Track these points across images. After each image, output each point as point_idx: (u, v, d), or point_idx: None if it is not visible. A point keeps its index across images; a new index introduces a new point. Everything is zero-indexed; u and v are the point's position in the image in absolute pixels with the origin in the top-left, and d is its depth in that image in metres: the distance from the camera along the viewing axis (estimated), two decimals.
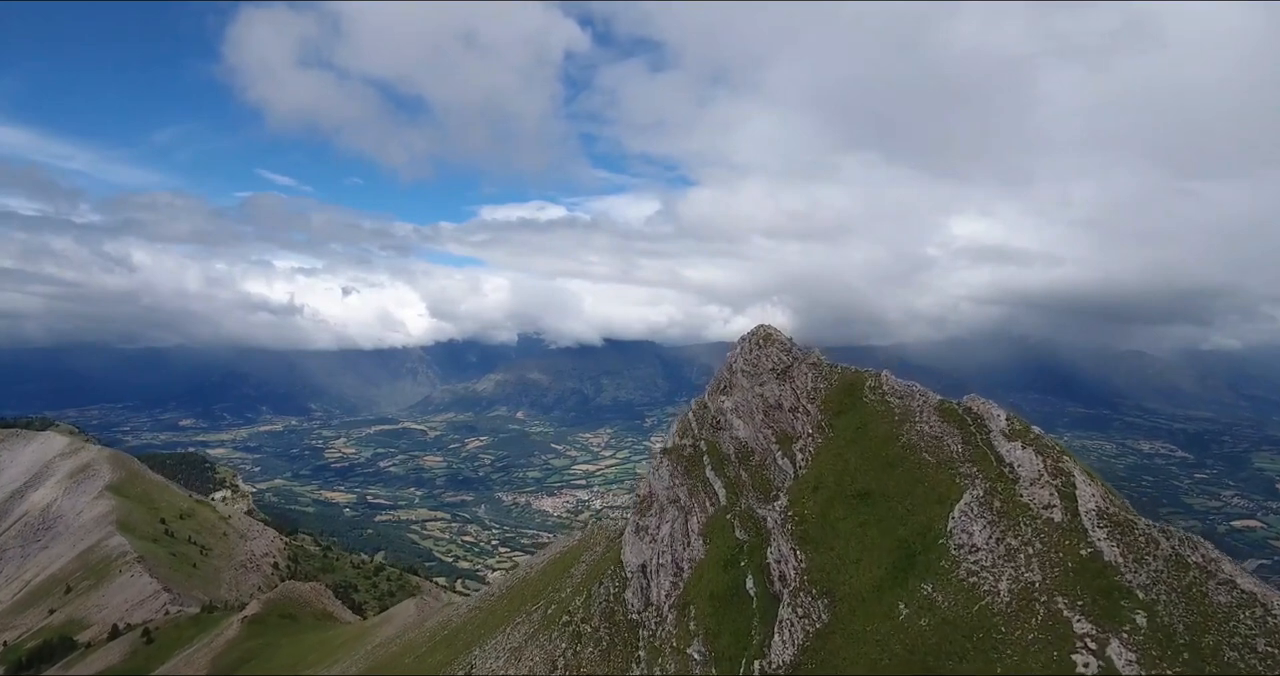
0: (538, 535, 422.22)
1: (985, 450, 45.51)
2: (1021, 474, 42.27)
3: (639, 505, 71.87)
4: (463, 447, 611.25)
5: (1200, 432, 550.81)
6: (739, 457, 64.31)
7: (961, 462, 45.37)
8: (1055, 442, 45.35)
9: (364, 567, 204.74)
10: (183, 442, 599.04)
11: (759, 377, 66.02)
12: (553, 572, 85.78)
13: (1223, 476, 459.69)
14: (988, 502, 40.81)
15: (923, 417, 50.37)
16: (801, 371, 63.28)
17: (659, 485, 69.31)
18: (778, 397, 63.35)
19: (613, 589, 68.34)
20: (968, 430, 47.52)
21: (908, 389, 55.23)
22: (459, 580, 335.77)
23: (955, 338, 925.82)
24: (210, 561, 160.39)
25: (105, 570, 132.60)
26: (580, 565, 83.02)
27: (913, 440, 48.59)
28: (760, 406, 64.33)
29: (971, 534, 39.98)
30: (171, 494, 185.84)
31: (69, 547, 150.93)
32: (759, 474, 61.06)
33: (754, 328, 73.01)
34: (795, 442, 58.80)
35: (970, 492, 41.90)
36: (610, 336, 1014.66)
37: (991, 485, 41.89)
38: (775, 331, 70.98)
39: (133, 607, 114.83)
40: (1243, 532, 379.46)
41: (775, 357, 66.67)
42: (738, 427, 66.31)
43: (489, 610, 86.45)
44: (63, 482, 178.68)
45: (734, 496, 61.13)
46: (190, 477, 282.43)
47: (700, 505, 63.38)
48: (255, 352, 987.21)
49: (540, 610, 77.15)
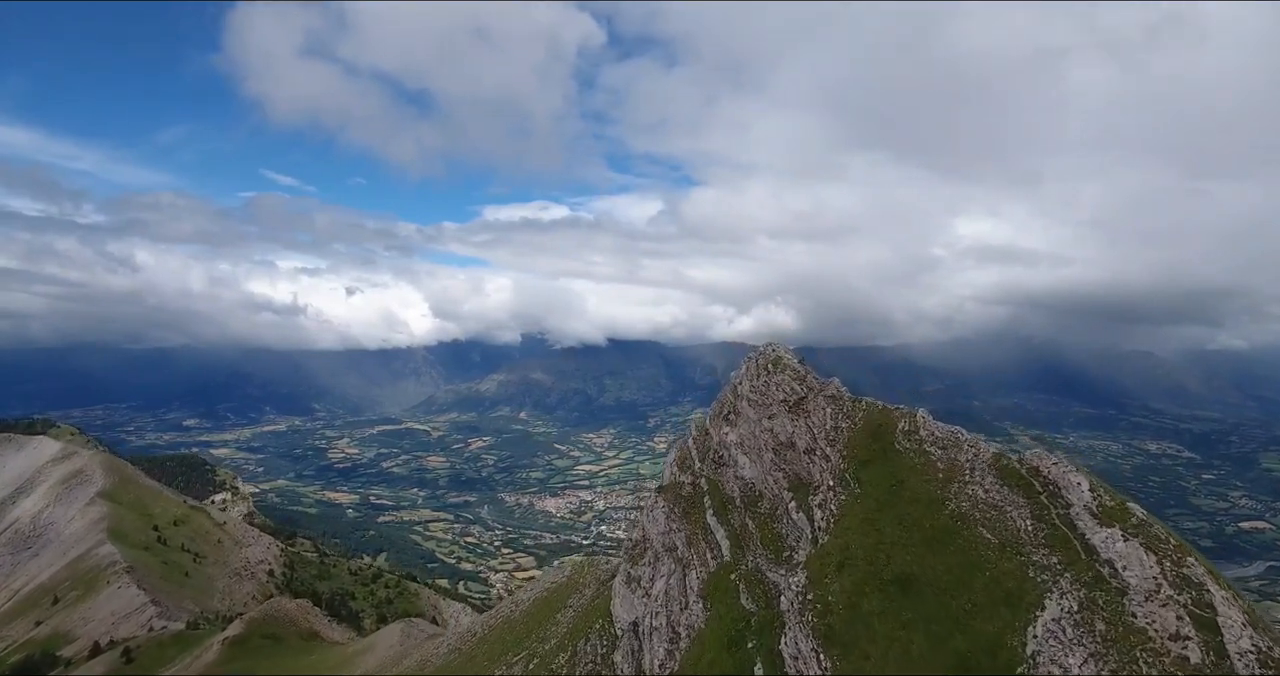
0: (540, 536, 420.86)
1: (1066, 532, 35.54)
2: (1129, 580, 31.23)
3: (631, 551, 65.16)
4: (466, 448, 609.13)
5: (1207, 433, 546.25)
6: (745, 502, 56.52)
7: (1035, 547, 35.45)
8: (1167, 532, 35.17)
9: (361, 574, 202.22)
10: (186, 443, 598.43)
11: (768, 409, 58.09)
12: (538, 615, 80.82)
13: (1230, 477, 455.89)
14: (1086, 622, 30.27)
15: (975, 476, 40.63)
16: (818, 405, 54.40)
17: (654, 529, 62.03)
18: (790, 435, 55.17)
19: (600, 648, 61.96)
20: (1037, 499, 37.76)
21: (952, 436, 45.28)
22: (461, 582, 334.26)
23: (961, 338, 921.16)
24: (204, 569, 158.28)
25: (94, 580, 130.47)
26: (567, 610, 77.65)
27: (964, 508, 38.89)
28: (769, 443, 56.52)
29: (1066, 667, 29.25)
30: (165, 500, 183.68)
31: (58, 556, 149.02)
32: (768, 525, 53.13)
33: (762, 348, 64.37)
34: (813, 494, 50.45)
35: (1058, 601, 31.64)
36: (614, 336, 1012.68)
37: (1088, 593, 31.32)
38: (786, 354, 62.69)
39: (119, 621, 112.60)
40: (1250, 534, 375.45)
41: (787, 387, 58.04)
42: (743, 466, 58.84)
43: (469, 655, 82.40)
44: (54, 489, 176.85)
45: (739, 550, 53.34)
46: (190, 479, 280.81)
47: (700, 557, 55.85)
48: (259, 353, 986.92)
49: (521, 664, 71.55)
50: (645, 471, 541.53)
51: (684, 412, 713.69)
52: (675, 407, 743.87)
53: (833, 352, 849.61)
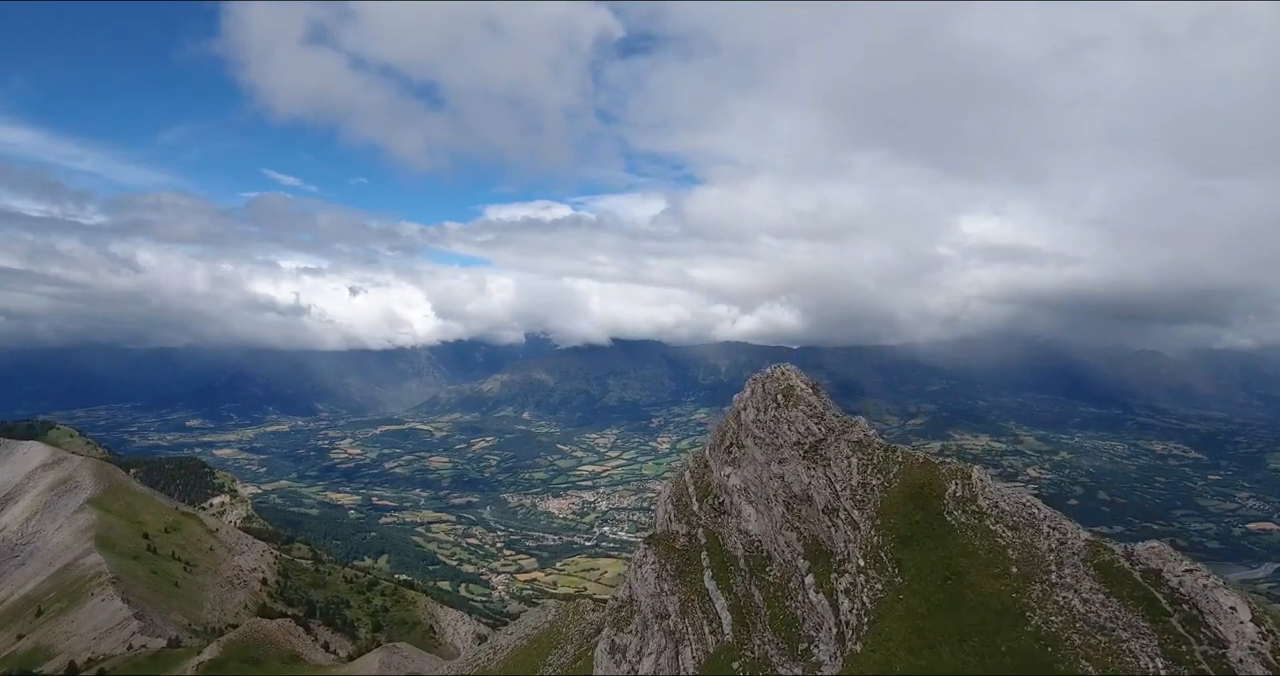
0: (543, 537, 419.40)
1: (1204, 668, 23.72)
2: None
3: (616, 612, 55.21)
4: (469, 448, 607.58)
5: (1214, 433, 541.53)
6: (750, 564, 46.97)
7: None
8: None
9: (357, 582, 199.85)
10: (190, 444, 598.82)
11: (777, 450, 48.34)
12: (516, 668, 75.44)
13: (1237, 478, 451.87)
14: None
15: (1067, 576, 28.98)
16: (840, 452, 44.67)
17: (642, 589, 52.34)
18: (805, 486, 45.52)
19: None
20: (1165, 624, 26.34)
21: (1024, 510, 33.96)
22: (463, 584, 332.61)
23: (966, 337, 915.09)
24: (194, 578, 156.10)
25: (79, 592, 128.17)
26: (546, 669, 70.94)
27: (1055, 626, 27.26)
28: (780, 493, 46.83)
29: None
30: (157, 506, 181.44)
31: (45, 566, 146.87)
32: (779, 601, 43.41)
33: (769, 371, 53.53)
34: (836, 570, 40.33)
35: None
36: (618, 336, 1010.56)
37: None
38: (798, 380, 51.89)
39: (100, 636, 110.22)
40: (1258, 535, 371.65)
41: (801, 426, 47.65)
42: (748, 517, 49.33)
43: None
44: (43, 496, 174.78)
45: (743, 628, 43.87)
46: (189, 482, 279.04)
47: (696, 629, 46.48)
48: (262, 353, 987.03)
49: None
50: (648, 472, 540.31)
51: (687, 413, 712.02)
52: (679, 407, 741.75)
53: (837, 352, 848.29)
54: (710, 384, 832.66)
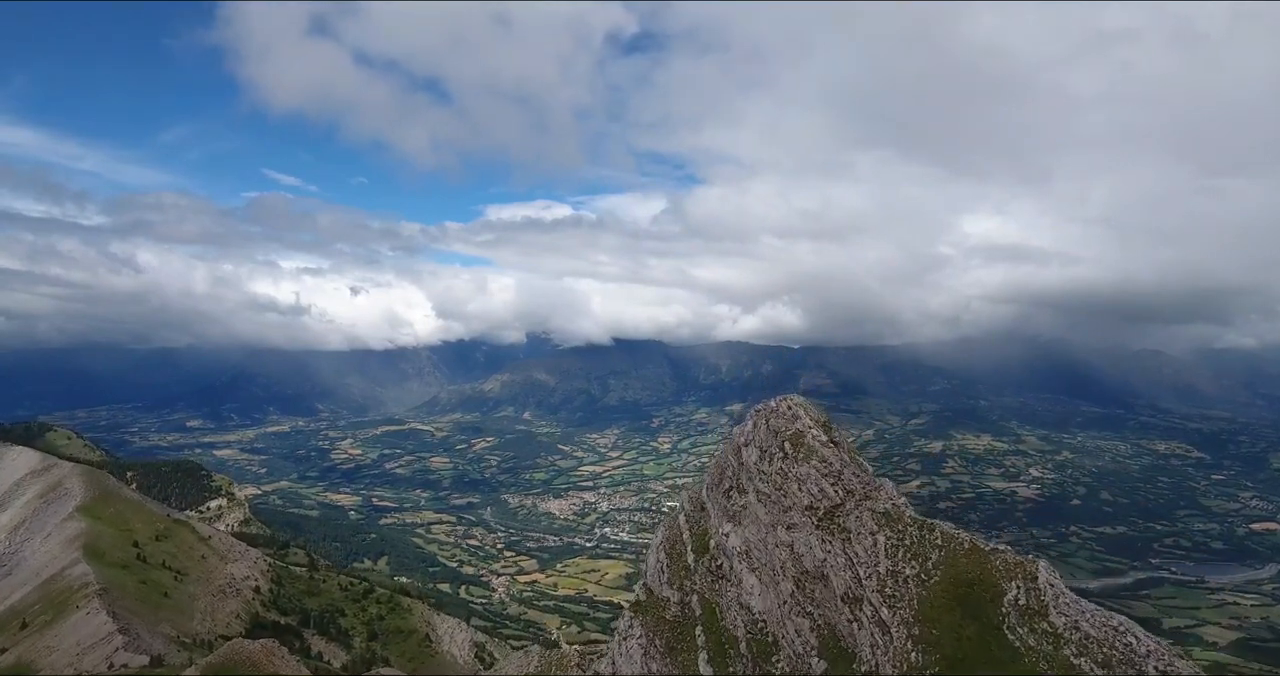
0: (544, 539, 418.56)
1: None
2: None
3: None
4: (469, 449, 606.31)
5: (1217, 433, 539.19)
6: (753, 649, 38.44)
7: None
8: None
9: (351, 590, 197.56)
10: (190, 444, 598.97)
11: (785, 512, 40.08)
12: None
13: (1240, 477, 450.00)
14: None
15: None
16: (863, 524, 36.05)
17: (627, 667, 44.40)
18: (819, 562, 37.30)
19: None
20: None
21: (1114, 634, 27.25)
22: (463, 586, 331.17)
23: (968, 337, 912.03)
24: (185, 587, 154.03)
25: (64, 604, 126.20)
26: None
27: None
28: (788, 566, 38.49)
29: None
30: (148, 513, 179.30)
31: (32, 576, 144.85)
32: None
33: (775, 404, 45.67)
34: None
35: None
36: (619, 336, 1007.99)
37: None
38: (810, 423, 42.96)
39: (83, 652, 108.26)
40: (1262, 535, 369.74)
41: (814, 487, 39.10)
42: (750, 589, 40.81)
43: None
44: (31, 504, 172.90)
45: None
46: (186, 485, 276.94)
47: None
48: (263, 353, 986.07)
49: None
50: (649, 472, 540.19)
51: (688, 413, 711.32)
52: (680, 407, 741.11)
53: (839, 352, 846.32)
54: (712, 383, 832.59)
